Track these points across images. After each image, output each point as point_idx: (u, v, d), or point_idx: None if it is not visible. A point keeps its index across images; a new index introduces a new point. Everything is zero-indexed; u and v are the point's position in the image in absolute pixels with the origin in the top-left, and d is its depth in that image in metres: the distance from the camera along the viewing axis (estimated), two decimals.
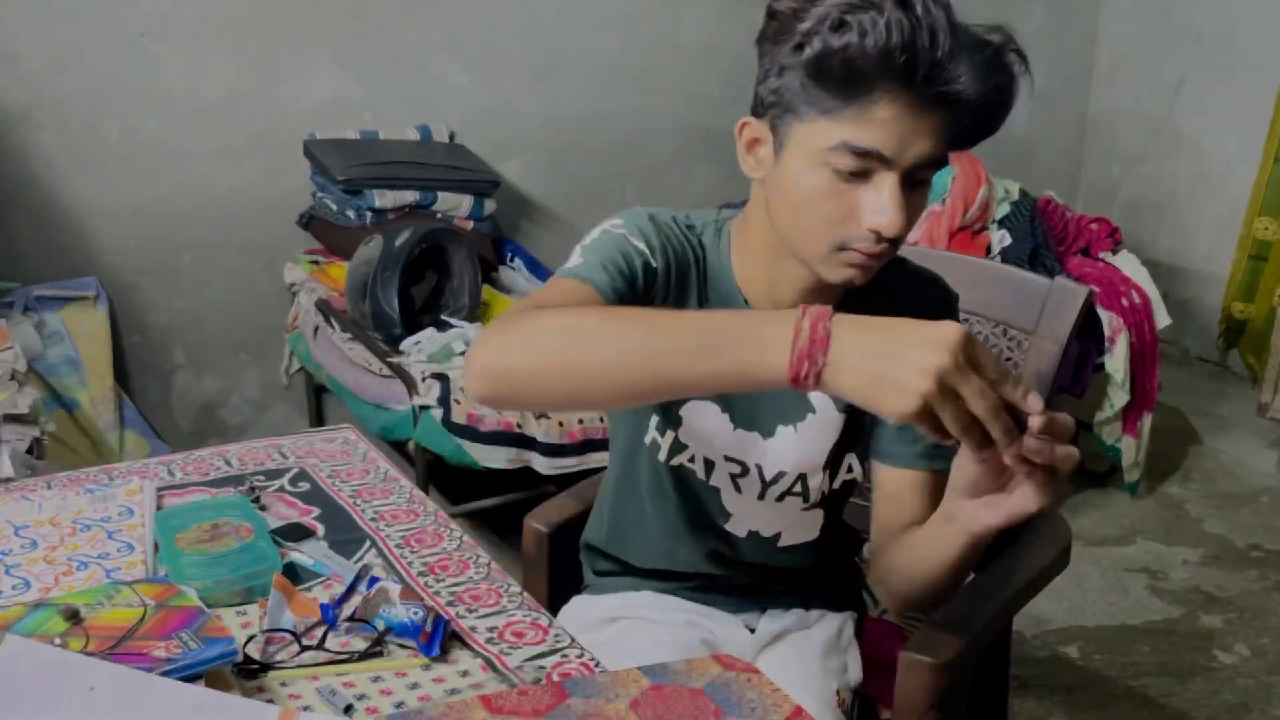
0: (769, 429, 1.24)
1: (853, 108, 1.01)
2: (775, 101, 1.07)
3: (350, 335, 2.61)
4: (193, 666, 0.95)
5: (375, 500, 1.36)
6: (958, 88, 1.01)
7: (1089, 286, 1.46)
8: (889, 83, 1.00)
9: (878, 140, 1.02)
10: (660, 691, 0.96)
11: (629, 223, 1.16)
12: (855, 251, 1.07)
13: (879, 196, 1.04)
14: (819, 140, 1.04)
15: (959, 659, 1.19)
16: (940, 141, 1.04)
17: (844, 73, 1.00)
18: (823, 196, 1.05)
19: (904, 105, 1.01)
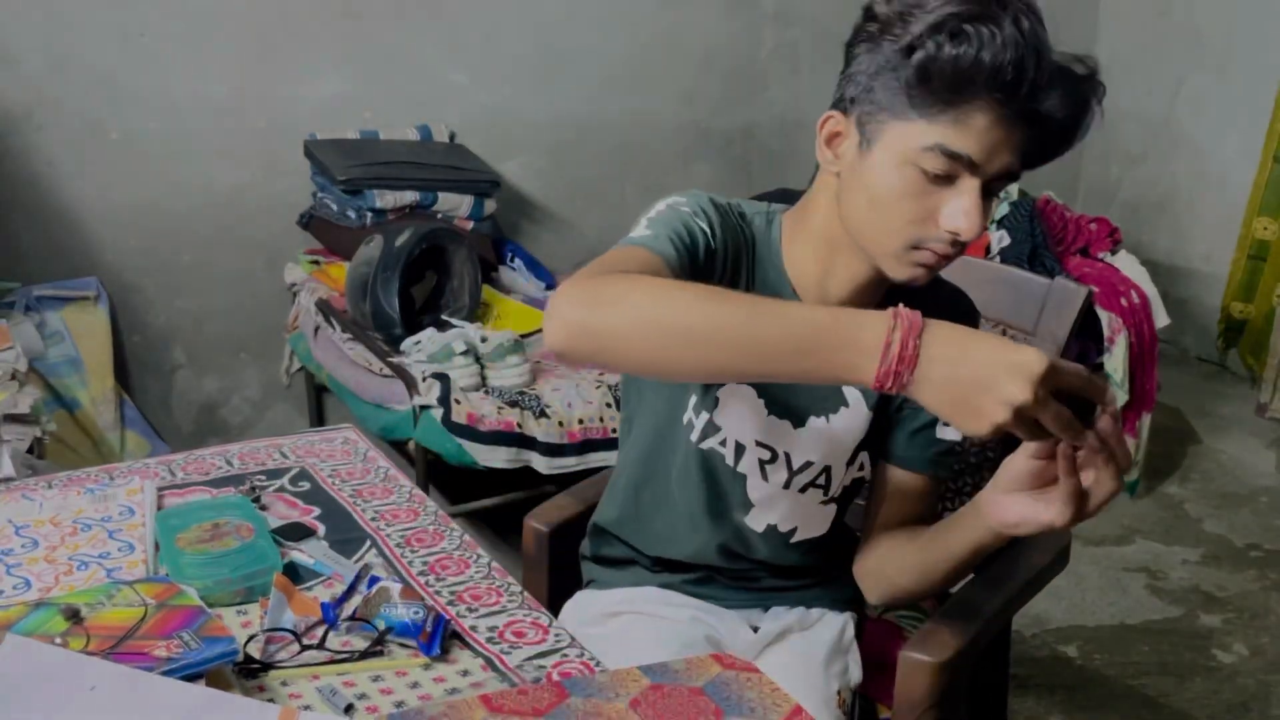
0: (801, 419, 1.26)
1: (952, 113, 1.05)
2: (868, 99, 1.10)
3: (350, 335, 2.61)
4: (193, 666, 0.95)
5: (375, 500, 1.37)
6: (1048, 108, 1.06)
7: (1088, 286, 1.46)
8: (993, 94, 1.04)
9: (971, 146, 1.06)
10: (660, 691, 0.97)
11: (693, 201, 1.18)
12: (928, 251, 1.11)
13: (961, 200, 1.08)
14: (914, 140, 1.07)
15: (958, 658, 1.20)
16: (1019, 156, 1.09)
17: (953, 79, 1.04)
18: (907, 195, 1.09)
19: (1000, 117, 1.05)
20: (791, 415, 1.26)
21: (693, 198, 1.20)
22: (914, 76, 1.05)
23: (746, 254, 1.22)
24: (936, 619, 1.28)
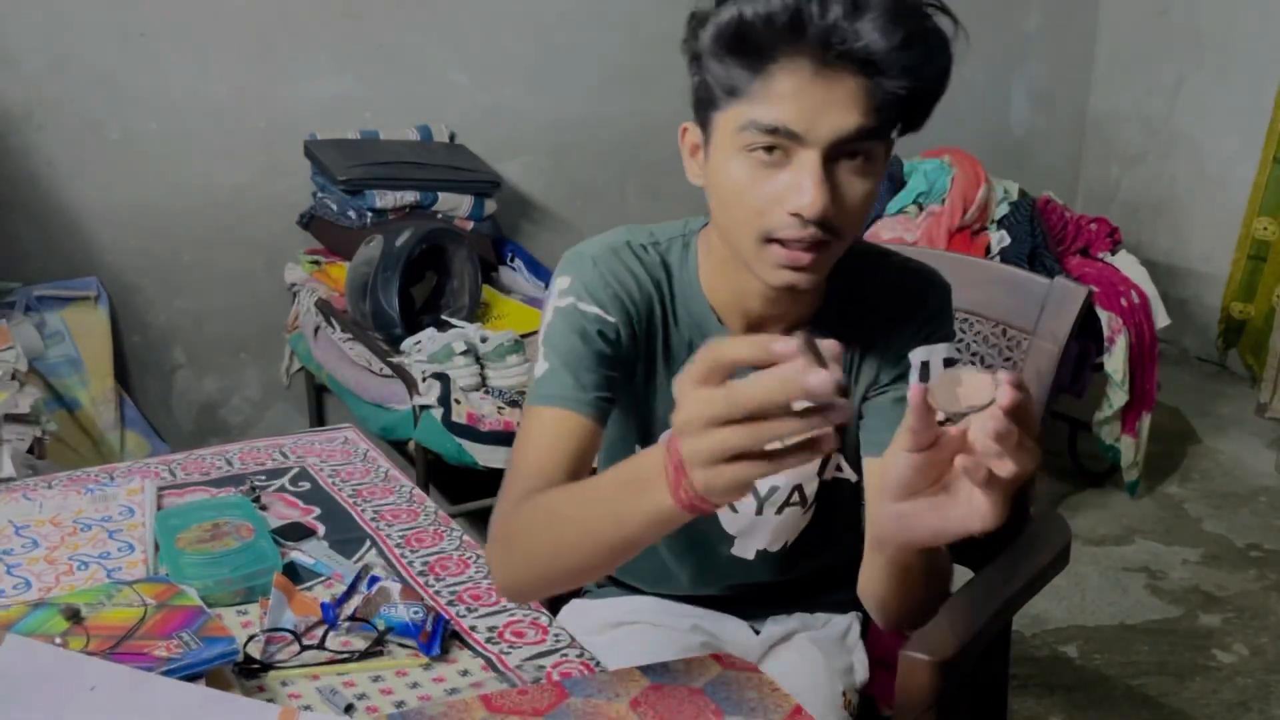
0: None
1: (756, 83, 0.97)
2: (699, 98, 1.04)
3: (350, 335, 2.61)
4: (193, 666, 0.95)
5: (375, 500, 1.37)
6: (861, 45, 0.94)
7: (1088, 286, 1.46)
8: (784, 50, 0.95)
9: (784, 115, 0.96)
10: (660, 691, 0.97)
11: (575, 283, 1.12)
12: (781, 245, 1.01)
13: (797, 176, 0.98)
14: (732, 124, 1.00)
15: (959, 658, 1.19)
16: (866, 112, 0.96)
17: (738, 46, 0.97)
18: (745, 185, 1.00)
19: (808, 75, 0.95)
20: None
21: (574, 273, 1.13)
22: (711, 58, 0.99)
23: (660, 293, 1.15)
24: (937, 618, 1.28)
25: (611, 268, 1.13)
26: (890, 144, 1.04)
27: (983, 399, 0.74)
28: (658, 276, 1.15)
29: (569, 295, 1.12)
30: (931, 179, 3.04)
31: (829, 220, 0.99)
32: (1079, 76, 4.37)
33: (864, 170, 1.00)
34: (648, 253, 1.16)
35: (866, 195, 1.02)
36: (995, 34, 4.10)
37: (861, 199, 1.01)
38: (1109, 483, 3.18)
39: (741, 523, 1.25)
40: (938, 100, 1.02)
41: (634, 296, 1.13)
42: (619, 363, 1.12)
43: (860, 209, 1.02)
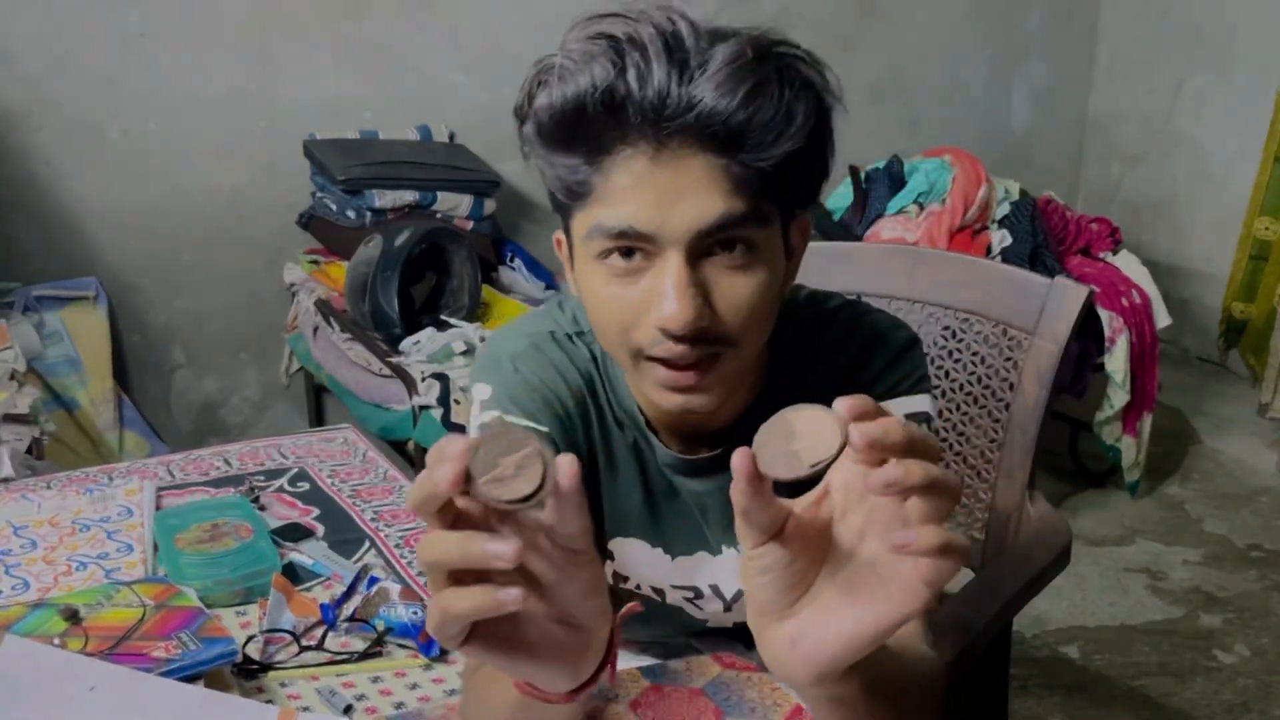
0: (715, 548, 1.04)
1: (595, 179, 0.82)
2: (553, 203, 0.90)
3: (350, 335, 2.61)
4: (192, 667, 0.95)
5: (375, 500, 1.36)
6: (696, 114, 0.79)
7: (1089, 286, 1.45)
8: (611, 136, 0.81)
9: (628, 214, 0.81)
10: (660, 692, 0.96)
11: (497, 392, 0.97)
12: (656, 364, 0.85)
13: (658, 283, 0.82)
14: (580, 231, 0.85)
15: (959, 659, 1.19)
16: (726, 194, 0.81)
17: (561, 141, 0.83)
18: (605, 299, 0.85)
19: (645, 162, 0.80)
20: (704, 545, 1.04)
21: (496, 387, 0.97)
22: (542, 159, 0.86)
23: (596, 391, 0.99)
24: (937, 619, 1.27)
25: (535, 369, 0.98)
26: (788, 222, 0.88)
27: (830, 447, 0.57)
28: (588, 372, 0.99)
29: (492, 408, 0.97)
30: (932, 178, 3.04)
31: (709, 331, 0.83)
32: (1080, 76, 4.36)
33: (746, 263, 0.83)
34: (574, 344, 1.00)
35: (757, 291, 0.84)
36: (996, 34, 4.10)
37: (750, 297, 0.84)
38: (1110, 483, 3.17)
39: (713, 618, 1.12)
40: (822, 165, 0.86)
41: (564, 399, 0.97)
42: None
43: (752, 308, 0.84)
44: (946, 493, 0.57)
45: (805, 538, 0.63)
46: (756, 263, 0.84)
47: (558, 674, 0.67)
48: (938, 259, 1.59)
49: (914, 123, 3.95)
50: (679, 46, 0.80)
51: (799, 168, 0.83)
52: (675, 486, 1.02)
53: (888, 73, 3.86)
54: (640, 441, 1.00)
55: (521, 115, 0.88)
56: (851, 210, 3.12)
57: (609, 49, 0.80)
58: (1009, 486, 1.50)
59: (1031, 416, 1.47)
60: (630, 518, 1.03)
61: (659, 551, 1.05)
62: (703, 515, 1.03)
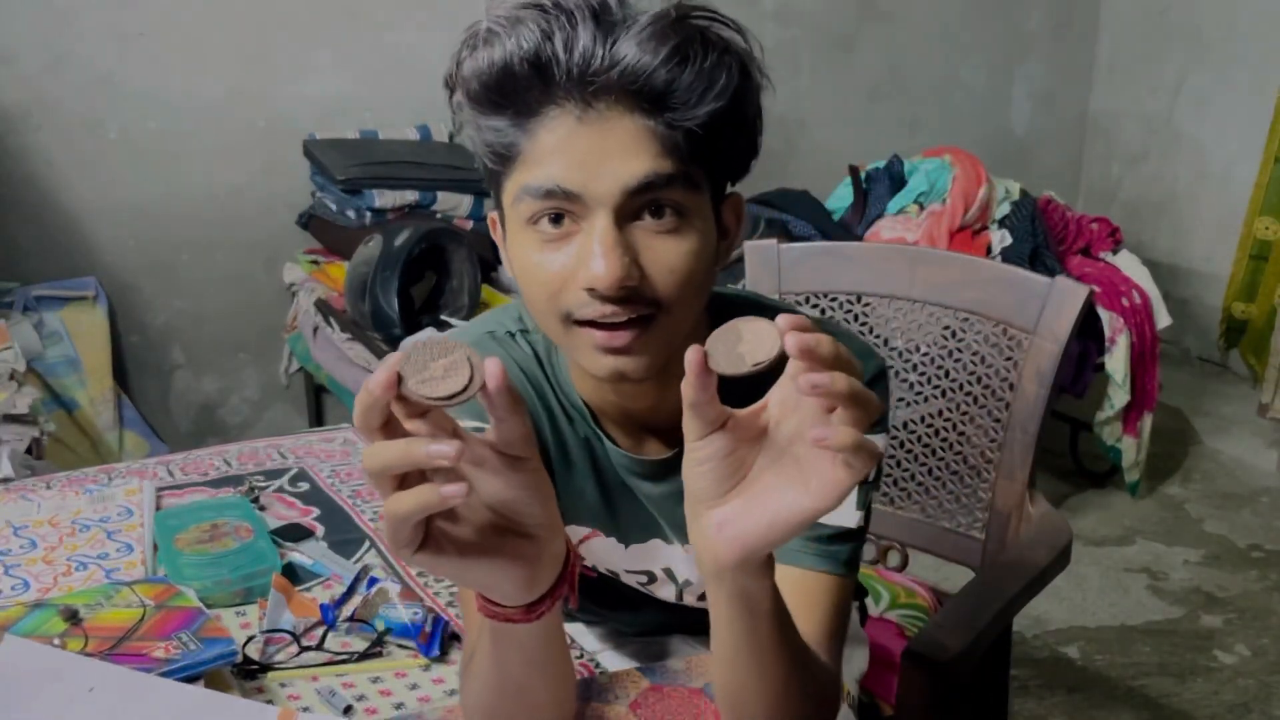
0: (669, 536, 1.05)
1: (523, 142, 0.83)
2: (484, 174, 0.89)
3: (350, 335, 2.61)
4: (192, 667, 0.95)
5: (375, 500, 1.36)
6: (619, 70, 0.80)
7: (1089, 286, 1.45)
8: (539, 98, 0.82)
9: (555, 173, 0.81)
10: (660, 692, 0.96)
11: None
12: (588, 328, 0.84)
13: (585, 243, 0.82)
14: (508, 196, 0.86)
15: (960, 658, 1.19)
16: (655, 155, 0.82)
17: (490, 104, 0.84)
18: (535, 264, 0.85)
19: (572, 122, 0.81)
20: (658, 534, 1.05)
21: None
22: (471, 125, 0.86)
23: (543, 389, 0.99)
24: (938, 618, 1.27)
25: None
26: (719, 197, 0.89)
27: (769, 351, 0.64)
28: (532, 370, 0.99)
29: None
30: (932, 178, 3.04)
31: (640, 290, 0.83)
32: (1080, 76, 4.36)
33: (676, 227, 0.84)
34: (515, 341, 1.00)
35: (688, 255, 0.84)
36: (996, 34, 4.10)
37: (681, 260, 0.84)
38: (1110, 483, 3.17)
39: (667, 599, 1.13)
40: (750, 130, 0.88)
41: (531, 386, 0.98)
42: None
43: (684, 272, 0.84)
44: (865, 405, 0.64)
45: (741, 437, 0.70)
46: (686, 228, 0.85)
47: (511, 583, 0.72)
48: (938, 259, 1.59)
49: (914, 123, 3.95)
50: (605, 12, 0.82)
51: (726, 132, 0.84)
52: (628, 484, 1.02)
53: (888, 73, 3.86)
54: (591, 437, 1.00)
55: (451, 83, 0.88)
56: (851, 210, 3.12)
57: (537, 14, 0.82)
58: (1009, 486, 1.50)
59: (1031, 416, 1.47)
60: (584, 510, 1.03)
61: (613, 541, 1.06)
62: (657, 511, 1.03)
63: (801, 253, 1.61)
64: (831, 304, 1.59)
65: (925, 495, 1.58)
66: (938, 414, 1.56)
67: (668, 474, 0.99)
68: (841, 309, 1.59)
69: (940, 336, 1.56)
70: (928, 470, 1.58)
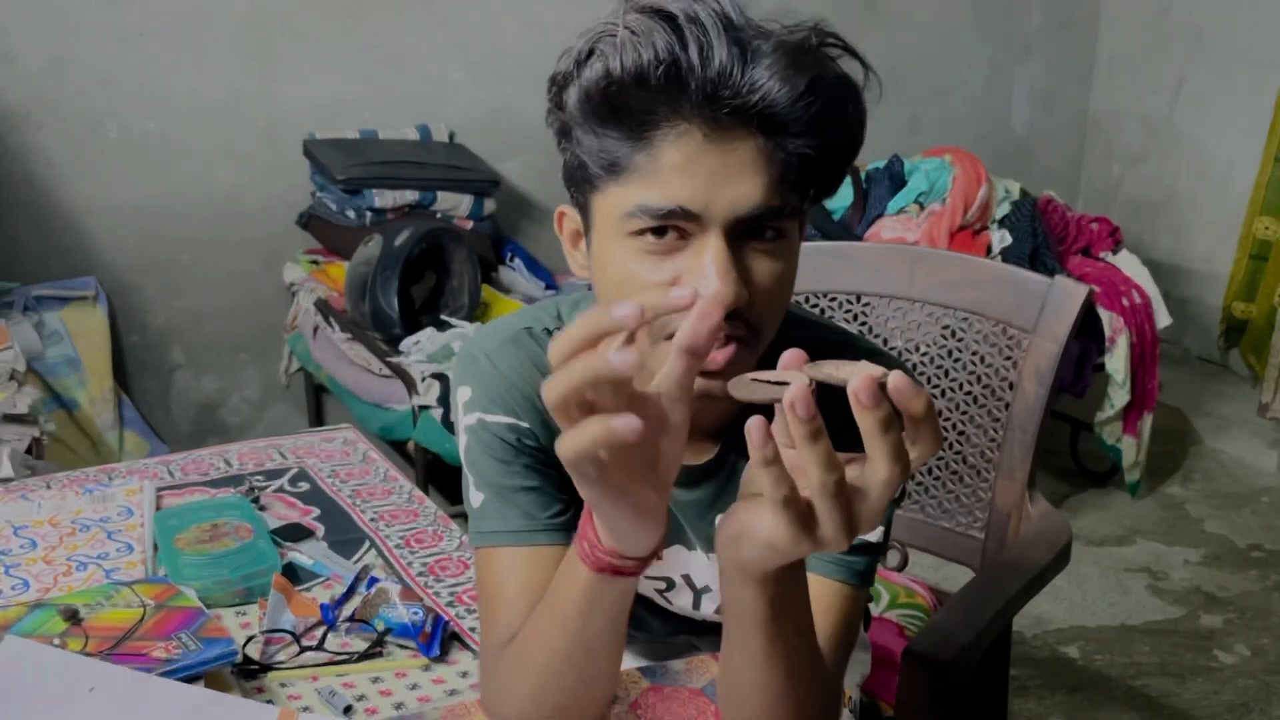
0: (691, 543, 1.05)
1: (639, 156, 0.81)
2: (573, 177, 0.88)
3: (350, 335, 2.61)
4: (192, 667, 0.95)
5: (375, 500, 1.36)
6: (757, 99, 0.79)
7: (1088, 286, 1.45)
8: (665, 113, 0.80)
9: (678, 193, 0.80)
10: (660, 692, 0.96)
11: (475, 393, 0.97)
12: None
13: (697, 261, 0.82)
14: (615, 210, 0.83)
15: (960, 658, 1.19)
16: (771, 180, 0.81)
17: (610, 112, 0.82)
18: (633, 274, 0.84)
19: (699, 140, 0.80)
20: (680, 540, 1.05)
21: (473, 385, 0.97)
22: (582, 129, 0.84)
23: None
24: (938, 618, 1.27)
25: (512, 364, 0.97)
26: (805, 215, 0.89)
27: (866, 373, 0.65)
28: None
29: (474, 410, 0.97)
30: (932, 178, 3.04)
31: (742, 313, 0.83)
32: (1080, 76, 4.36)
33: (776, 250, 0.84)
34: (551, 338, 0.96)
35: (782, 279, 0.85)
36: (996, 34, 4.10)
37: (777, 284, 0.85)
38: (1110, 483, 3.17)
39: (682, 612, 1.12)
40: (850, 161, 0.88)
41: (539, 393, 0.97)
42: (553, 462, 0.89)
43: (778, 298, 0.85)
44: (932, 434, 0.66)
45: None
46: (783, 250, 0.85)
47: (643, 533, 0.74)
48: (937, 259, 1.59)
49: (914, 123, 3.95)
50: (734, 28, 0.80)
51: (834, 161, 0.85)
52: None
53: (888, 73, 3.81)
54: None
55: (563, 82, 0.85)
56: (851, 210, 3.12)
57: (667, 24, 0.80)
58: (1009, 486, 1.50)
59: (1031, 416, 1.47)
60: None
61: None
62: (684, 517, 1.03)
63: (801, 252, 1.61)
64: (831, 304, 1.59)
65: (925, 495, 1.58)
66: (938, 414, 1.56)
67: (701, 480, 0.99)
68: (841, 309, 1.59)
69: (940, 336, 1.56)
70: (927, 470, 1.58)
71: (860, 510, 0.68)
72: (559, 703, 0.87)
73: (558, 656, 0.85)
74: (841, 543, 0.68)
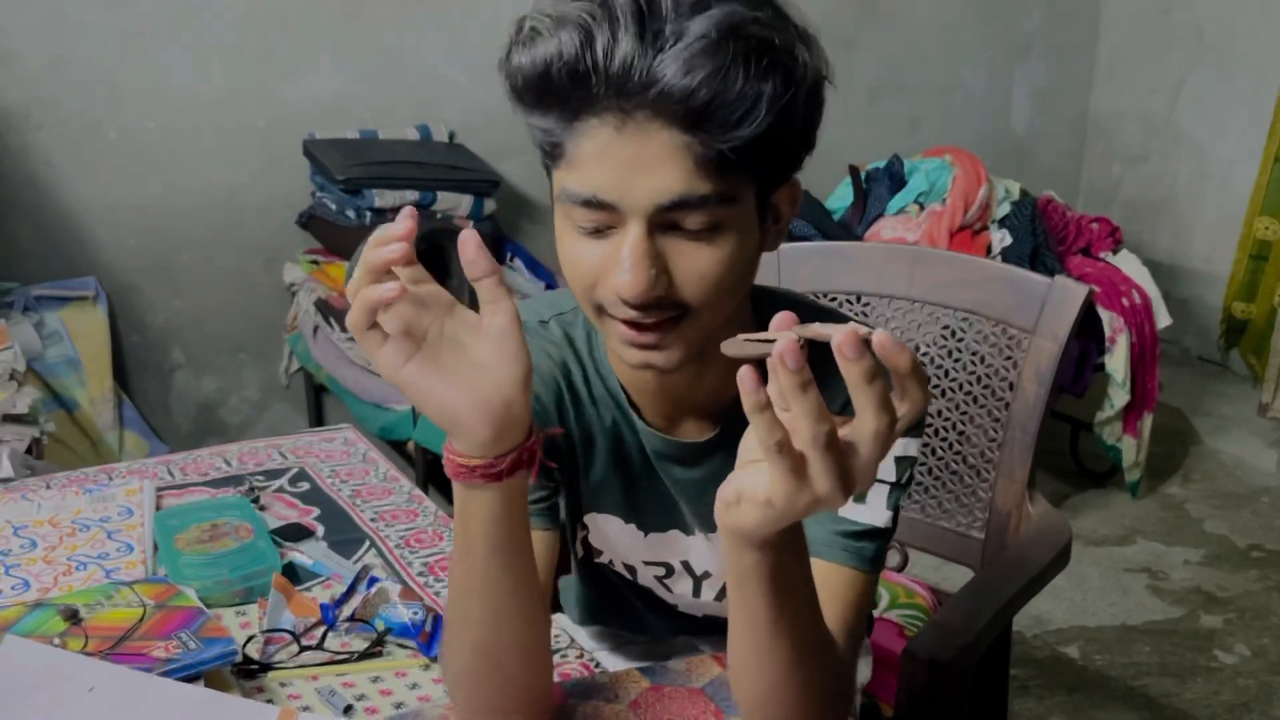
0: (688, 528, 1.07)
1: (567, 142, 0.83)
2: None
3: (350, 335, 2.61)
4: (192, 667, 0.95)
5: (375, 500, 1.36)
6: (656, 93, 0.78)
7: (1088, 286, 1.46)
8: (581, 104, 0.81)
9: (594, 182, 0.82)
10: (660, 692, 0.96)
11: None
12: (616, 321, 0.87)
13: (617, 251, 0.83)
14: (556, 192, 0.87)
15: (959, 658, 1.19)
16: (689, 174, 0.81)
17: (534, 101, 0.83)
18: (574, 256, 0.87)
19: (612, 130, 0.80)
20: (678, 525, 1.07)
21: None
22: (521, 114, 0.85)
23: (573, 371, 1.01)
24: (938, 618, 1.27)
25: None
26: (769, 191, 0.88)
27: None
28: (561, 357, 1.01)
29: None
30: (932, 178, 3.04)
31: (665, 299, 0.84)
32: (1080, 76, 4.36)
33: (709, 236, 0.84)
34: (548, 327, 1.02)
35: (719, 262, 0.85)
36: (996, 34, 4.10)
37: (712, 267, 0.84)
38: (1110, 483, 3.17)
39: (681, 600, 1.14)
40: (798, 141, 0.86)
41: (542, 380, 0.99)
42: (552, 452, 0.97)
43: (714, 278, 0.85)
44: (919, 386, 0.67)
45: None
46: (720, 236, 0.84)
47: (473, 431, 0.78)
48: (938, 259, 1.60)
49: (914, 123, 3.95)
50: (655, 16, 0.78)
51: (769, 147, 0.82)
52: (656, 470, 1.03)
53: (888, 73, 3.86)
54: (620, 422, 1.01)
55: (502, 70, 0.86)
56: (851, 210, 3.12)
57: (582, 14, 0.79)
58: (1009, 486, 1.50)
59: (1031, 416, 1.47)
60: (605, 495, 1.05)
61: (632, 528, 1.07)
62: (683, 498, 1.04)
63: (801, 252, 1.62)
64: (831, 304, 1.59)
65: (925, 495, 1.59)
66: (937, 414, 1.57)
67: (702, 458, 1.01)
68: (841, 309, 1.59)
69: (940, 336, 1.57)
70: (927, 470, 1.58)
71: (854, 465, 0.67)
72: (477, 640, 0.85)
73: (459, 587, 0.85)
74: (838, 498, 0.67)
